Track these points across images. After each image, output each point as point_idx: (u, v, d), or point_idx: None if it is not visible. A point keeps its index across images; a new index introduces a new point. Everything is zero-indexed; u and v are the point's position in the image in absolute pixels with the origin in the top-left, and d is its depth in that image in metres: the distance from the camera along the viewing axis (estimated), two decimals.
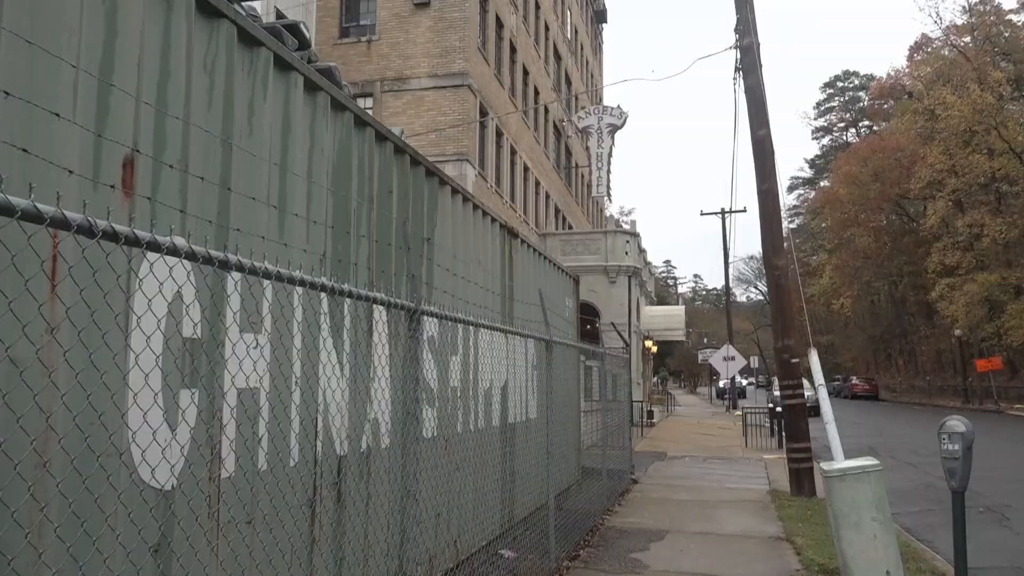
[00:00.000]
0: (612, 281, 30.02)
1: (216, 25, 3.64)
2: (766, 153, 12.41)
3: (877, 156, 51.94)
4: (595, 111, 34.45)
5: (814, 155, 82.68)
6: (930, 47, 50.50)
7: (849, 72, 78.49)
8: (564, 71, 38.92)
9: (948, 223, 45.00)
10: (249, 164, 3.77)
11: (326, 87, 4.65)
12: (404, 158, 5.85)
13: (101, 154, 2.84)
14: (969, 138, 41.28)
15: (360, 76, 22.62)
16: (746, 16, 12.66)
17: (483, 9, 24.78)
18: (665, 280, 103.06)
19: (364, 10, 23.78)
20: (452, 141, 22.03)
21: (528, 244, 9.69)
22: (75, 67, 2.67)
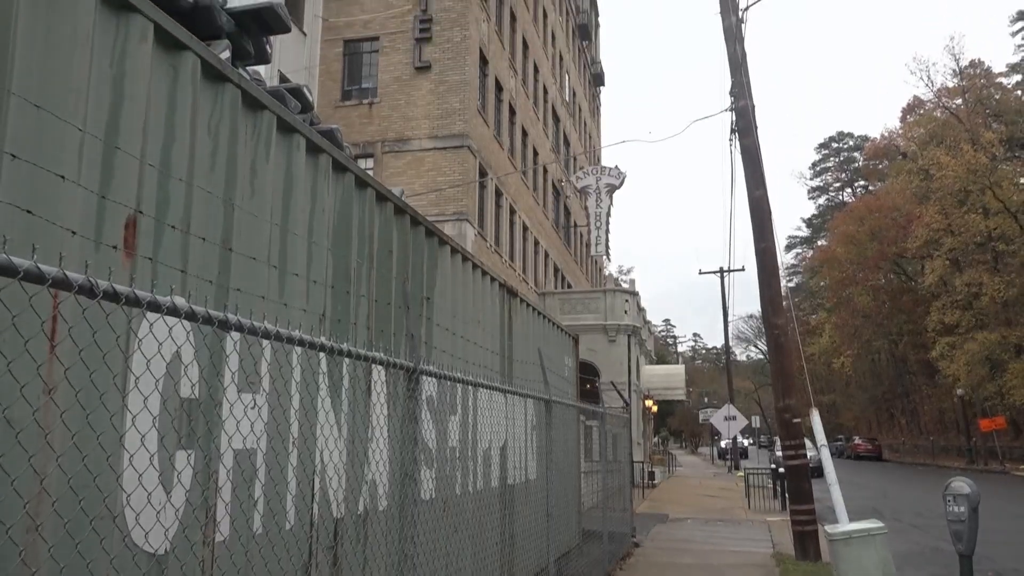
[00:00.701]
0: (612, 340, 29.98)
1: (221, 89, 3.72)
2: (763, 212, 12.52)
3: (873, 215, 52.40)
4: (593, 171, 34.88)
5: (811, 214, 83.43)
6: (922, 109, 51.42)
7: (843, 133, 79.70)
8: (563, 132, 39.53)
9: (946, 282, 45.15)
10: (250, 224, 3.80)
11: (328, 148, 4.72)
12: (404, 218, 5.90)
13: (104, 215, 2.86)
14: (964, 197, 41.70)
15: (361, 137, 22.97)
16: (741, 80, 12.91)
17: (483, 72, 25.29)
18: (665, 339, 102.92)
19: (366, 74, 24.27)
20: (452, 201, 22.25)
21: (527, 303, 9.70)
22: (81, 130, 2.72)
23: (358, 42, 24.41)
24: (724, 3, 12.51)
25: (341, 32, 24.37)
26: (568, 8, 43.67)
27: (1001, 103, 45.99)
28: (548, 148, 35.55)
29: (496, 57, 26.81)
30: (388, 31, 24.06)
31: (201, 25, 4.61)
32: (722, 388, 61.95)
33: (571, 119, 42.43)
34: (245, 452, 3.58)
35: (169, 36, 3.34)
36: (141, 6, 3.14)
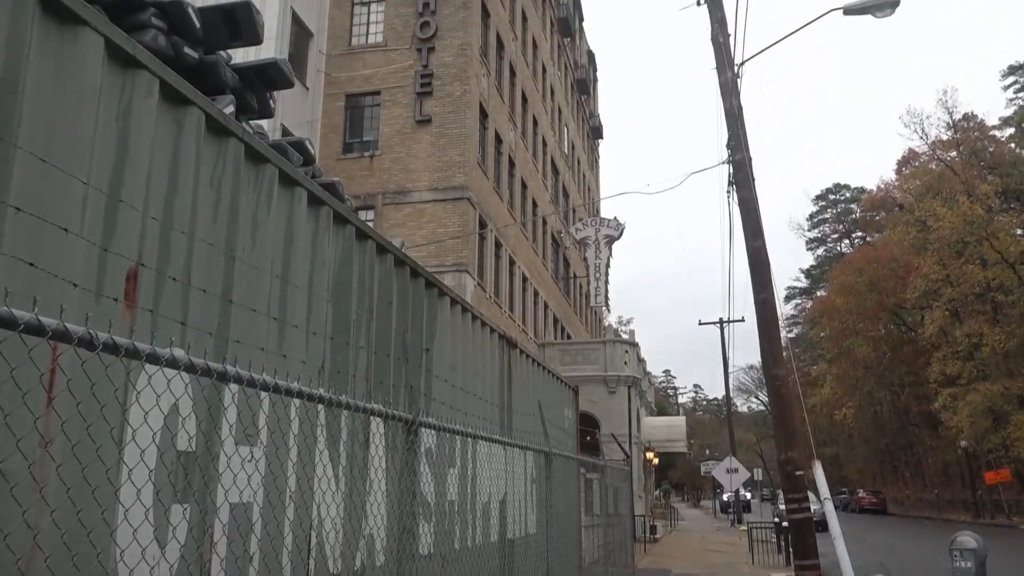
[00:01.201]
0: (612, 391, 29.82)
1: (225, 143, 3.77)
2: (762, 263, 12.56)
3: (872, 266, 52.57)
4: (592, 222, 35.12)
5: (810, 265, 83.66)
6: (917, 161, 51.96)
7: (840, 185, 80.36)
8: (562, 184, 39.90)
9: (946, 332, 45.08)
10: (251, 276, 3.82)
11: (329, 201, 4.76)
12: (404, 269, 5.92)
13: (106, 267, 2.88)
14: (962, 249, 41.90)
15: (362, 189, 23.17)
16: (737, 133, 13.08)
17: (483, 126, 25.64)
18: (665, 390, 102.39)
19: (367, 127, 24.60)
20: (452, 252, 22.36)
21: (527, 354, 9.68)
22: (85, 183, 2.75)
23: (360, 96, 24.79)
24: (720, 59, 12.73)
25: (343, 86, 24.77)
26: (567, 64, 44.46)
27: (995, 155, 46.51)
28: (547, 200, 35.85)
29: (496, 111, 27.21)
30: (389, 85, 24.46)
31: (206, 80, 4.69)
32: (724, 440, 61.43)
33: (570, 171, 42.87)
34: (241, 506, 3.54)
35: (174, 91, 3.39)
36: (148, 62, 3.20)
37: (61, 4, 2.79)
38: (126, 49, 3.09)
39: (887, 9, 11.60)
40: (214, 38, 4.87)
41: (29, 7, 2.65)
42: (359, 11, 25.68)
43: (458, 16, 24.57)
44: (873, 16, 11.73)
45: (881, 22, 11.97)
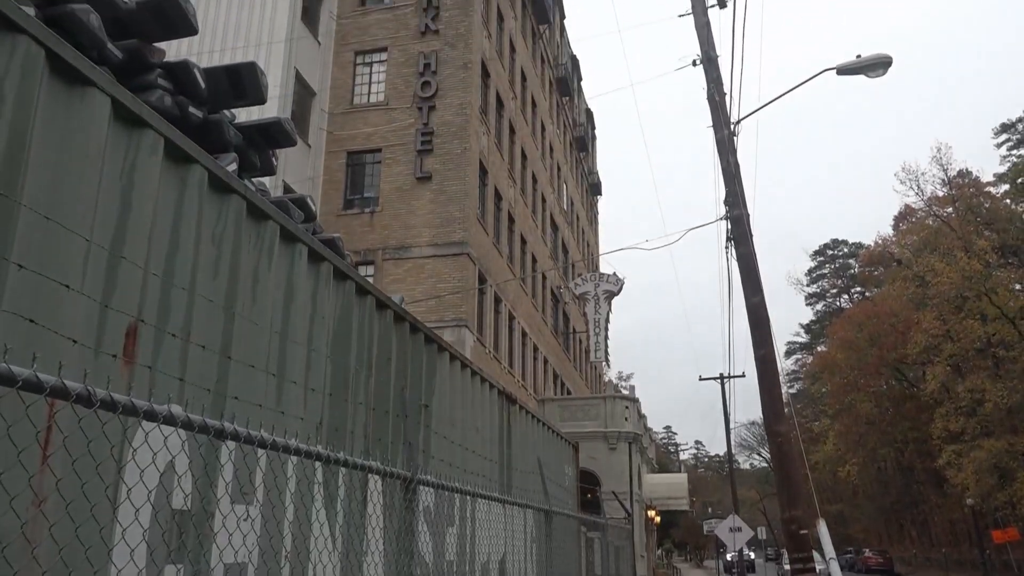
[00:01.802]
0: (612, 447, 29.53)
1: (227, 200, 3.80)
2: (761, 319, 12.57)
3: (872, 321, 52.53)
4: (591, 278, 35.22)
5: (809, 320, 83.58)
6: (914, 217, 52.36)
7: (838, 241, 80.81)
8: (561, 240, 40.15)
9: (948, 388, 44.82)
10: (251, 332, 3.82)
11: (329, 257, 4.79)
12: (404, 325, 5.92)
13: (106, 323, 2.88)
14: (961, 304, 41.92)
15: (363, 245, 23.31)
16: (735, 189, 13.21)
17: (482, 182, 25.91)
18: (666, 447, 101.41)
19: (368, 184, 24.86)
20: (451, 307, 22.38)
21: (526, 410, 9.62)
22: (88, 240, 2.77)
23: (361, 153, 25.10)
24: (716, 118, 12.93)
25: (345, 144, 25.10)
26: (565, 122, 45.13)
27: (991, 211, 46.87)
28: (547, 255, 36.03)
29: (496, 168, 27.53)
30: (390, 143, 24.79)
31: (210, 139, 4.76)
32: (726, 497, 60.59)
33: (569, 227, 43.18)
34: (236, 566, 3.48)
35: (178, 149, 3.44)
36: (153, 122, 3.25)
37: (70, 65, 2.85)
38: (132, 109, 3.14)
39: (879, 69, 11.83)
40: (219, 97, 4.96)
41: (38, 68, 2.71)
42: (361, 71, 26.17)
43: (458, 76, 25.04)
44: (866, 76, 11.95)
45: (875, 80, 12.18)
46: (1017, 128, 55.54)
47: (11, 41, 2.62)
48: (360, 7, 26.84)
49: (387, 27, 26.21)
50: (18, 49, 2.63)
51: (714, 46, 12.97)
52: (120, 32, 4.40)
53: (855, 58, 12.07)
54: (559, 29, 44.19)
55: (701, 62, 12.91)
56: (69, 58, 2.83)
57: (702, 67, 12.95)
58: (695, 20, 12.86)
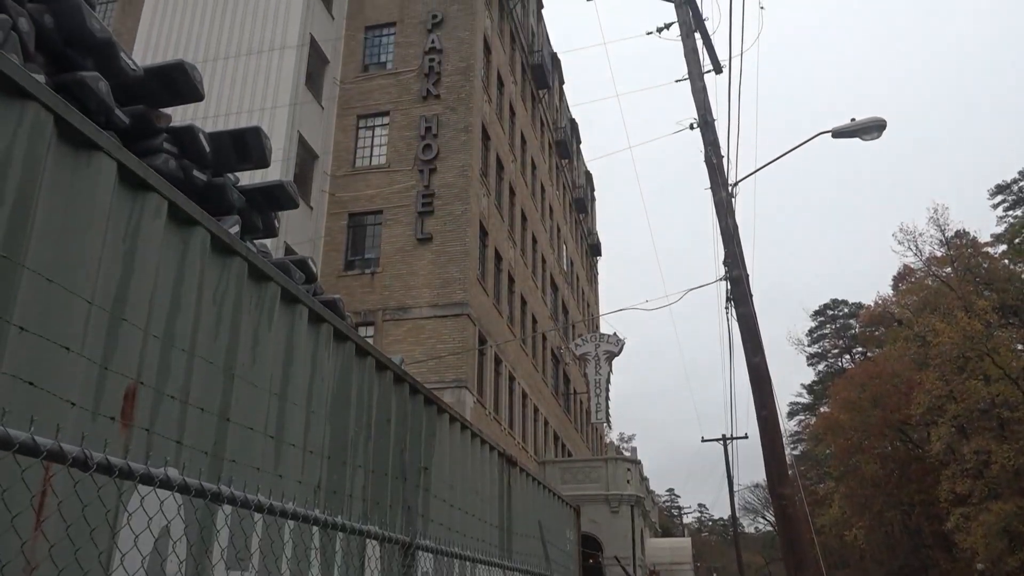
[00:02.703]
0: (614, 511, 29.06)
1: (229, 262, 3.83)
2: (763, 379, 12.50)
3: (874, 382, 52.22)
4: (592, 338, 35.16)
5: (811, 380, 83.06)
6: (913, 277, 52.54)
7: (838, 301, 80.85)
8: (561, 300, 40.21)
9: (954, 450, 44.31)
10: (250, 394, 3.80)
11: (329, 318, 4.79)
12: (403, 386, 5.90)
13: (104, 385, 2.87)
14: (963, 364, 41.73)
15: (363, 306, 23.34)
16: (734, 251, 13.29)
17: (483, 243, 26.09)
18: (669, 510, 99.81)
19: (369, 245, 25.02)
20: (451, 368, 22.29)
21: (527, 472, 9.50)
22: (90, 303, 2.78)
23: (362, 215, 25.32)
24: (714, 180, 13.09)
25: (347, 205, 25.34)
26: (565, 184, 45.67)
27: (990, 271, 47.07)
28: (547, 316, 36.04)
29: (496, 229, 27.74)
30: (392, 205, 25.03)
31: (214, 201, 4.82)
32: (731, 562, 59.40)
33: (569, 287, 43.30)
34: None
35: (182, 212, 3.48)
36: (158, 185, 3.30)
37: (77, 130, 2.90)
38: (138, 173, 3.19)
39: (874, 132, 12.02)
40: (223, 161, 5.03)
41: (46, 133, 2.76)
42: (364, 134, 26.59)
43: (459, 139, 25.43)
44: (860, 139, 12.14)
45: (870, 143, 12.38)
46: (1012, 189, 56.19)
47: (20, 107, 2.67)
48: (363, 73, 27.41)
49: (389, 92, 26.73)
50: (27, 115, 2.68)
51: (710, 110, 13.21)
52: (128, 98, 4.49)
53: (850, 121, 12.29)
54: (558, 94, 45.05)
55: (698, 125, 13.13)
56: (77, 123, 2.88)
57: (699, 130, 13.16)
58: (691, 85, 13.12)
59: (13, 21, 3.39)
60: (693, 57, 13.05)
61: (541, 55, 38.63)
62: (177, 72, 4.62)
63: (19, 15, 3.47)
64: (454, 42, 27.00)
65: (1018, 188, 55.84)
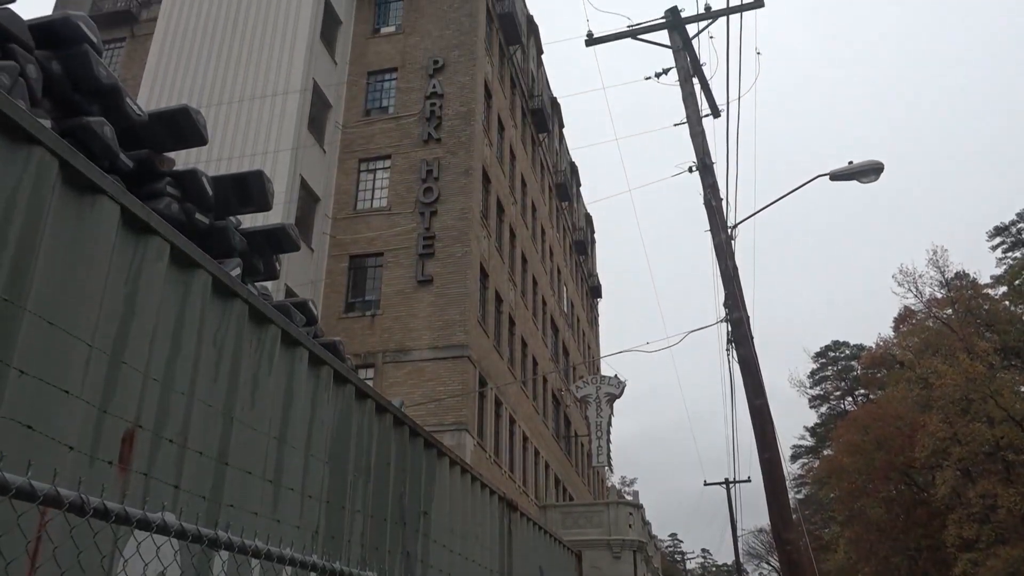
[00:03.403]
0: (616, 556, 28.63)
1: (230, 304, 3.83)
2: (765, 422, 12.42)
3: (877, 424, 51.81)
4: (593, 380, 34.99)
5: (814, 423, 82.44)
6: (914, 319, 52.48)
7: (839, 343, 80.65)
8: (562, 342, 40.13)
9: (959, 493, 43.81)
10: (248, 437, 3.78)
11: (329, 361, 4.78)
12: (403, 429, 5.86)
13: (102, 429, 2.86)
14: (967, 406, 41.48)
15: (363, 348, 23.29)
16: (734, 292, 13.30)
17: (483, 285, 26.12)
18: (672, 555, 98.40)
19: (370, 287, 25.06)
20: (451, 411, 22.16)
21: (528, 517, 9.39)
22: (90, 345, 2.78)
23: (363, 257, 25.41)
24: (713, 222, 13.15)
25: (347, 248, 25.44)
26: (565, 226, 45.90)
27: (991, 313, 47.04)
28: (547, 358, 35.93)
29: (496, 271, 27.81)
30: (392, 247, 25.13)
31: (216, 244, 4.84)
32: None
33: (570, 329, 43.24)
34: None
35: (184, 255, 3.50)
36: (160, 228, 3.32)
37: (81, 175, 2.93)
38: (140, 216, 3.21)
39: (871, 175, 12.12)
40: (226, 204, 5.07)
41: (51, 177, 2.79)
42: (365, 177, 26.81)
43: (460, 182, 25.62)
44: (858, 182, 12.23)
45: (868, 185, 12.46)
46: (1011, 231, 56.46)
47: (26, 152, 2.70)
48: (365, 117, 27.73)
49: (391, 136, 27.02)
50: (32, 159, 2.71)
51: (709, 153, 13.33)
52: (133, 142, 4.54)
53: (847, 164, 12.39)
54: (558, 137, 45.51)
55: (697, 169, 13.24)
56: (81, 167, 2.92)
57: (698, 173, 13.26)
58: (690, 129, 13.25)
59: (21, 68, 3.45)
60: (691, 102, 13.20)
61: (541, 100, 39.12)
62: (181, 117, 4.67)
63: (27, 62, 3.53)
64: (455, 87, 27.36)
65: (1017, 230, 56.12)
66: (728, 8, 12.75)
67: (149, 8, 31.15)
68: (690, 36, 13.22)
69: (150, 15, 30.48)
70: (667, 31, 13.27)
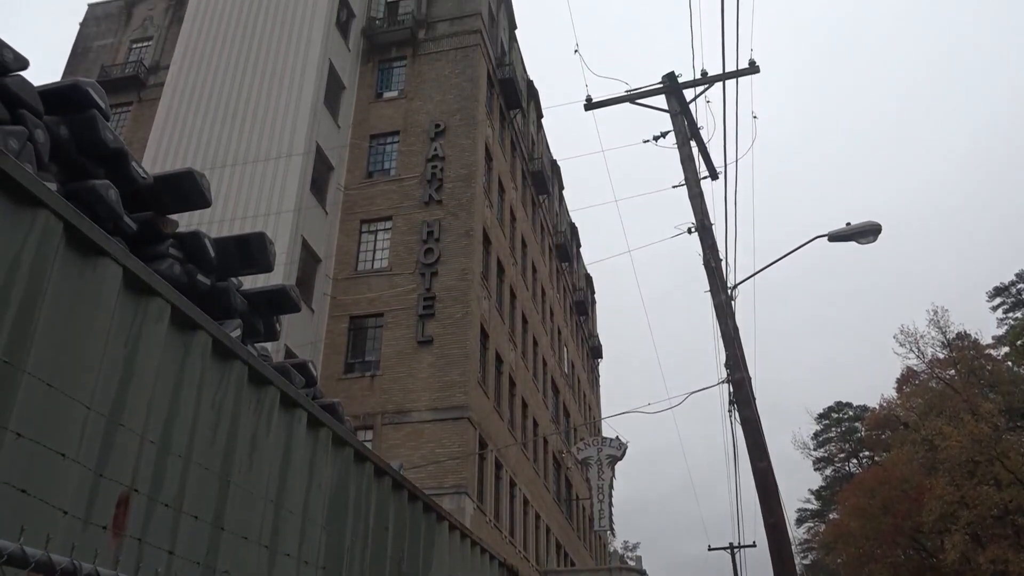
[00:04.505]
0: None
1: (229, 366, 3.82)
2: (769, 485, 12.24)
3: (883, 487, 51.07)
4: (594, 442, 34.61)
5: (819, 486, 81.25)
6: (916, 380, 52.16)
7: (842, 403, 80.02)
8: (562, 403, 39.85)
9: (969, 559, 42.94)
10: (245, 501, 3.73)
11: (328, 423, 4.75)
12: (402, 493, 5.78)
13: (97, 492, 2.82)
14: (973, 468, 40.96)
15: (362, 409, 23.12)
16: (735, 353, 13.25)
17: (483, 346, 26.06)
18: None
19: (370, 348, 25.00)
20: (451, 473, 21.89)
21: None
22: (88, 408, 2.76)
23: (363, 318, 25.42)
24: (713, 283, 13.19)
25: (348, 308, 25.47)
26: (565, 286, 46.03)
27: (994, 374, 46.80)
28: (548, 419, 35.64)
29: (496, 332, 27.78)
30: (393, 308, 25.16)
31: (217, 305, 4.85)
32: None
33: (570, 390, 42.98)
34: None
35: (184, 316, 3.50)
36: (161, 289, 3.33)
37: (85, 237, 2.95)
38: (142, 277, 3.23)
39: (869, 236, 12.21)
40: (228, 266, 5.09)
41: (55, 239, 2.81)
42: (366, 238, 27.00)
43: (460, 243, 25.79)
44: (857, 243, 12.31)
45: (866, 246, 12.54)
46: (1011, 291, 56.61)
47: (32, 214, 2.73)
48: (367, 179, 28.07)
49: (392, 198, 27.31)
50: (38, 222, 2.74)
51: (708, 215, 13.44)
52: (138, 204, 4.59)
53: (845, 225, 12.49)
54: (558, 199, 45.99)
55: (696, 230, 13.33)
56: (85, 230, 2.94)
57: (697, 234, 13.35)
58: (688, 191, 13.39)
59: (30, 132, 3.51)
60: (689, 164, 13.37)
61: (541, 162, 39.66)
62: (186, 180, 4.73)
63: (36, 127, 3.59)
64: (456, 150, 27.77)
65: (1017, 290, 56.29)
66: (724, 74, 13.01)
67: (156, 74, 31.83)
68: (687, 101, 13.46)
69: (157, 80, 31.13)
70: (665, 96, 13.51)
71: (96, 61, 33.58)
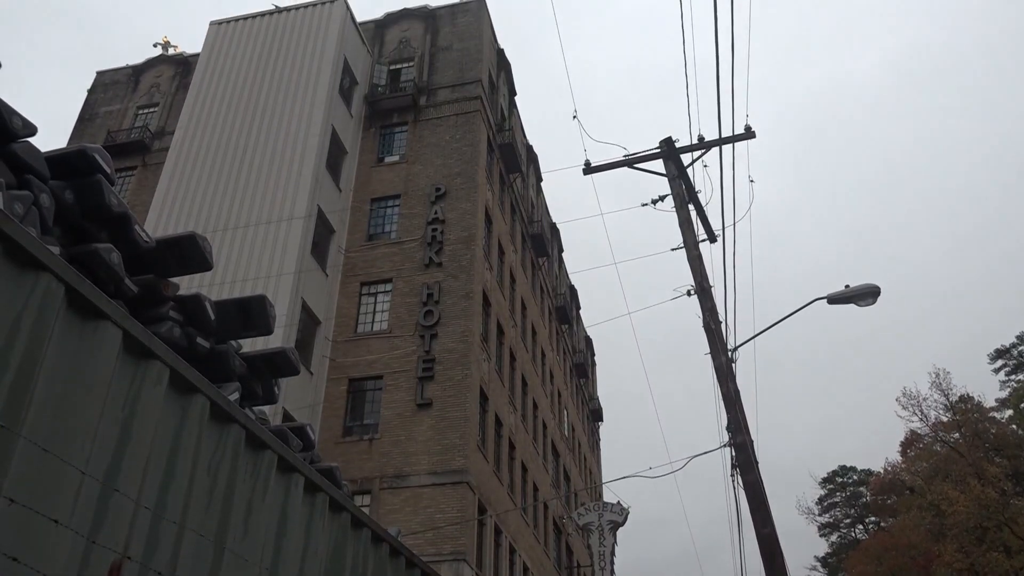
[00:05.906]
0: None
1: (227, 429, 3.80)
2: (774, 552, 12.01)
3: (890, 554, 50.10)
4: (595, 507, 34.02)
5: (825, 552, 79.63)
6: (920, 443, 51.62)
7: (846, 467, 79.03)
8: (563, 467, 39.35)
9: None
10: (239, 568, 3.66)
11: (326, 488, 4.69)
12: (399, 560, 5.67)
13: (90, 560, 2.77)
14: (982, 534, 40.25)
15: (360, 473, 22.82)
16: (736, 416, 13.15)
17: (483, 409, 25.86)
18: None
19: (368, 410, 24.81)
20: (450, 539, 21.48)
21: None
22: (83, 473, 2.73)
23: (362, 380, 25.29)
24: (713, 345, 13.17)
25: (347, 371, 25.36)
26: (565, 349, 45.92)
27: (999, 437, 46.33)
28: (548, 483, 35.14)
29: (496, 394, 27.60)
30: (392, 370, 25.05)
31: (216, 368, 4.83)
32: None
33: (571, 454, 42.50)
34: None
35: (183, 380, 3.49)
36: (161, 353, 3.33)
37: (86, 299, 2.96)
38: (141, 340, 3.23)
39: (868, 299, 12.24)
40: (228, 328, 5.09)
41: (56, 302, 2.82)
42: (366, 301, 27.05)
43: (460, 306, 25.82)
44: (856, 305, 12.33)
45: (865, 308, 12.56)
46: (1012, 354, 56.46)
47: (34, 277, 2.75)
48: (367, 242, 28.26)
49: (392, 260, 27.45)
50: (39, 285, 2.76)
51: (707, 277, 13.49)
52: (140, 267, 4.61)
53: (844, 287, 12.53)
54: (557, 261, 46.24)
55: (695, 292, 13.36)
56: (86, 293, 2.95)
57: (696, 297, 13.38)
58: (687, 253, 13.46)
59: (35, 197, 3.55)
60: (688, 227, 13.48)
61: (540, 225, 39.98)
62: (188, 243, 4.77)
63: (41, 191, 3.64)
64: (456, 213, 28.03)
65: (1018, 352, 56.13)
66: (720, 139, 13.22)
67: (161, 139, 32.36)
68: (684, 165, 13.64)
69: (162, 145, 31.63)
70: (662, 160, 13.70)
71: (103, 126, 34.18)
